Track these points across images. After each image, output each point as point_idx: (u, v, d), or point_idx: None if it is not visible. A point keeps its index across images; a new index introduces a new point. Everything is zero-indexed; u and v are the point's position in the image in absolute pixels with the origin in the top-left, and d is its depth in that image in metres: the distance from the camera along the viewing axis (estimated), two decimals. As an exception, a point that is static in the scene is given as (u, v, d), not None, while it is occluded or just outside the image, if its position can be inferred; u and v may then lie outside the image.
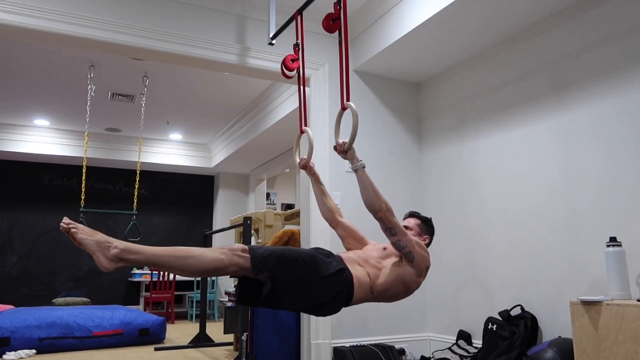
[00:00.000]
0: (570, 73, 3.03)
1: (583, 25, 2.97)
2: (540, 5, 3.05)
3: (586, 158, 2.89)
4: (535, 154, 3.21)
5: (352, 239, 2.31)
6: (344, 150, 2.04)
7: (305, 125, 2.46)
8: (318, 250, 1.97)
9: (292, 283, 1.77)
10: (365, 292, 1.95)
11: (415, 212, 2.31)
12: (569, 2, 3.02)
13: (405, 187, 4.07)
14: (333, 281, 1.85)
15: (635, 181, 2.63)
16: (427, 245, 2.24)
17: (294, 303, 1.83)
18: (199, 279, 7.14)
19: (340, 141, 2.07)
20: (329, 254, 1.95)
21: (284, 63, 2.57)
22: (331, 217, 2.32)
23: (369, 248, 2.20)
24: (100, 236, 1.63)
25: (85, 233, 1.60)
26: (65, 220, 1.59)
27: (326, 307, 1.88)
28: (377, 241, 2.29)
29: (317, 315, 1.95)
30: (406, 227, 2.23)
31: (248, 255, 1.72)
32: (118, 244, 1.62)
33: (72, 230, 1.59)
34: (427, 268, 2.10)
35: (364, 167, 2.01)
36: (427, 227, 2.29)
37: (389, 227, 1.96)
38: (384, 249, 2.13)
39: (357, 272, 1.95)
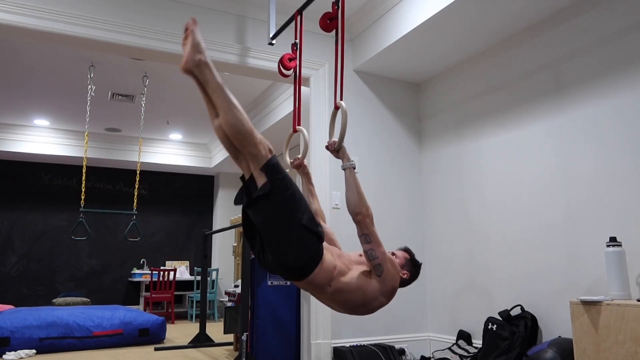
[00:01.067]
0: (569, 73, 3.03)
1: (582, 26, 2.97)
2: (540, 6, 3.05)
3: (586, 158, 2.89)
4: (535, 154, 3.21)
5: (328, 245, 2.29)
6: (335, 149, 2.04)
7: (299, 125, 2.45)
8: (314, 215, 1.94)
9: (280, 205, 1.77)
10: (323, 280, 1.86)
11: (410, 250, 2.21)
12: (569, 2, 3.02)
13: (405, 187, 4.07)
14: (307, 237, 1.80)
15: (635, 181, 2.63)
16: (404, 282, 2.12)
17: (267, 227, 1.79)
18: (197, 279, 7.13)
19: (332, 140, 2.07)
20: (319, 224, 1.91)
21: (281, 62, 2.56)
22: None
23: (345, 252, 2.16)
24: (202, 43, 1.84)
25: (197, 34, 1.83)
26: (194, 18, 1.85)
27: (283, 256, 1.79)
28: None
29: (270, 264, 1.86)
30: (393, 254, 2.14)
31: (269, 155, 1.80)
32: (207, 57, 1.83)
33: (192, 26, 1.83)
34: (394, 290, 1.98)
35: (354, 168, 2.00)
36: (412, 266, 2.15)
37: (365, 234, 1.92)
38: (360, 255, 2.09)
39: (327, 257, 1.88)
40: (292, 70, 2.59)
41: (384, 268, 1.93)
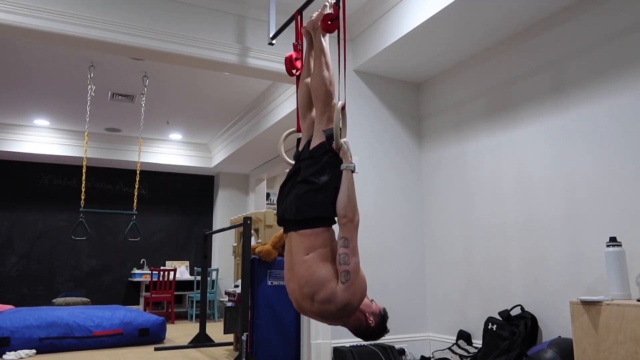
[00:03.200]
0: (568, 74, 3.03)
1: (582, 27, 2.97)
2: (539, 6, 3.05)
3: (585, 158, 2.89)
4: (535, 154, 3.21)
5: None
6: (335, 149, 2.05)
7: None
8: None
9: (328, 165, 1.97)
10: (312, 245, 1.89)
11: (387, 313, 2.06)
12: (568, 2, 3.02)
13: (404, 187, 4.07)
14: (332, 200, 1.95)
15: (635, 181, 2.63)
16: (365, 329, 1.97)
17: (311, 173, 1.98)
18: (197, 279, 7.13)
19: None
20: None
21: (288, 61, 2.56)
22: None
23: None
24: (328, 15, 2.18)
25: (331, 8, 2.20)
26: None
27: (309, 203, 1.93)
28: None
29: (291, 205, 1.97)
30: (371, 301, 2.03)
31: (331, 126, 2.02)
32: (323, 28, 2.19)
33: (334, 4, 2.18)
34: (348, 306, 1.84)
35: (353, 171, 1.99)
36: (381, 322, 2.00)
37: (345, 238, 1.88)
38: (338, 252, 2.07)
39: (331, 235, 1.95)
40: (298, 69, 2.58)
41: (351, 278, 1.84)
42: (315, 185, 1.93)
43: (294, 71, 2.58)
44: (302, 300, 1.91)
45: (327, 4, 2.20)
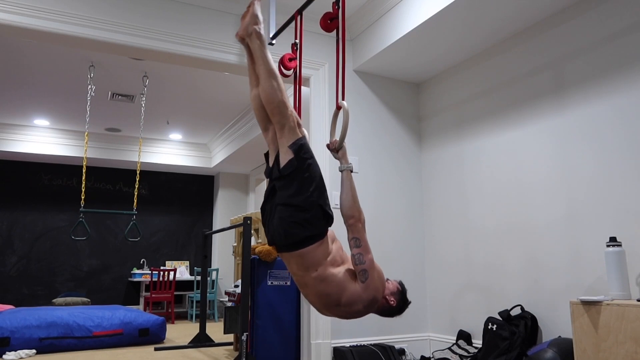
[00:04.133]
0: (569, 73, 3.03)
1: (582, 26, 2.97)
2: (540, 6, 3.05)
3: (585, 158, 2.89)
4: (535, 154, 3.21)
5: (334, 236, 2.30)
6: (336, 149, 2.05)
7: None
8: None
9: (300, 182, 1.87)
10: (313, 261, 1.87)
11: (404, 286, 2.14)
12: (569, 2, 3.02)
13: (404, 187, 4.07)
14: (319, 215, 1.87)
15: (635, 181, 2.63)
16: (388, 310, 2.05)
17: (285, 196, 1.88)
18: (197, 279, 7.13)
19: (333, 139, 2.08)
20: (331, 211, 1.98)
21: (281, 62, 2.56)
22: None
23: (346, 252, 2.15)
24: (261, 17, 2.05)
25: (258, 7, 2.04)
26: None
27: (297, 224, 1.85)
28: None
29: (273, 229, 1.90)
30: (387, 280, 2.09)
31: (299, 134, 1.93)
32: (262, 28, 2.04)
33: (257, 1, 2.04)
34: (374, 301, 1.92)
35: (351, 171, 2.01)
36: (401, 298, 2.07)
37: (356, 238, 1.92)
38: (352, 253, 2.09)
39: (326, 243, 1.91)
40: (292, 70, 2.58)
41: (369, 275, 1.90)
42: (297, 208, 1.84)
43: (286, 71, 2.58)
44: (327, 309, 1.96)
45: (257, 13, 2.02)
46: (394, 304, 2.03)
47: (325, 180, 3.64)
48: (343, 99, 2.14)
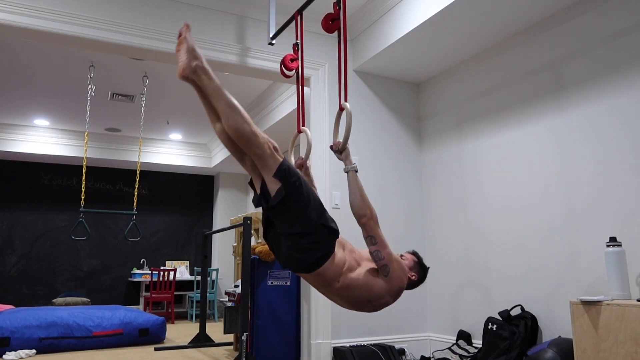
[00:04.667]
0: (569, 73, 3.03)
1: (582, 26, 2.97)
2: (540, 6, 3.05)
3: (585, 158, 2.89)
4: (535, 154, 3.21)
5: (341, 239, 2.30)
6: (339, 150, 2.05)
7: (303, 125, 2.46)
8: (327, 211, 1.97)
9: (296, 207, 1.80)
10: (332, 274, 1.89)
11: (418, 254, 2.23)
12: (569, 2, 3.02)
13: (405, 187, 4.07)
14: (323, 234, 1.84)
15: (635, 181, 2.63)
16: (412, 284, 2.14)
17: (285, 226, 1.82)
18: (197, 279, 7.13)
19: (337, 140, 2.08)
20: (333, 220, 1.95)
21: (283, 62, 2.57)
22: None
23: (357, 248, 2.18)
24: (197, 48, 1.84)
25: (191, 39, 1.84)
26: (187, 23, 1.86)
27: (304, 250, 1.83)
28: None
29: (284, 258, 1.89)
30: (402, 256, 2.16)
31: (279, 158, 1.80)
32: (204, 62, 1.83)
33: (184, 31, 1.85)
34: (400, 290, 2.01)
35: (356, 171, 2.01)
36: (420, 269, 2.17)
37: (371, 236, 1.94)
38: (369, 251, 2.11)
39: (339, 253, 1.92)
40: (294, 70, 2.59)
41: (391, 268, 1.95)
42: (301, 235, 1.82)
43: (288, 72, 2.58)
44: (359, 309, 2.01)
45: (193, 47, 1.83)
46: (416, 278, 2.13)
47: (325, 179, 3.65)
48: (345, 101, 2.13)
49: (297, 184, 1.80)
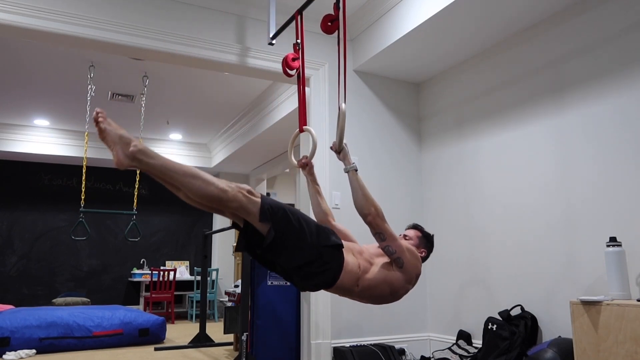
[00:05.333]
0: (569, 73, 3.03)
1: (582, 26, 2.97)
2: (540, 6, 3.05)
3: (586, 158, 2.89)
4: (535, 154, 3.21)
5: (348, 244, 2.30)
6: (337, 151, 2.06)
7: (305, 125, 2.46)
8: (321, 225, 1.96)
9: (292, 240, 1.77)
10: (350, 281, 1.91)
11: (419, 225, 2.28)
12: (569, 2, 3.02)
13: (405, 187, 4.07)
14: (329, 253, 1.84)
15: (635, 181, 2.63)
16: (423, 259, 2.20)
17: (289, 260, 1.80)
18: (197, 279, 7.13)
19: (335, 141, 2.09)
20: (331, 231, 1.94)
21: (285, 61, 2.57)
22: (325, 219, 2.32)
23: (365, 245, 2.20)
24: (124, 132, 1.67)
25: (111, 126, 1.67)
26: (98, 109, 1.67)
27: (314, 276, 1.84)
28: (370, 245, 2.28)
29: (301, 284, 1.91)
30: (405, 237, 2.21)
31: (257, 200, 1.74)
32: (137, 143, 1.67)
33: (100, 119, 1.66)
34: (417, 276, 2.07)
35: (356, 170, 2.01)
36: (427, 241, 2.24)
37: (378, 232, 1.95)
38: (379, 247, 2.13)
39: (349, 259, 1.93)
40: (295, 70, 2.59)
41: (404, 259, 1.99)
42: (307, 264, 1.81)
43: (290, 71, 2.58)
44: (383, 302, 2.07)
45: (119, 133, 1.66)
46: (425, 253, 2.21)
47: (326, 179, 3.65)
48: (344, 102, 2.14)
49: (285, 217, 1.76)
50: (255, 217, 1.74)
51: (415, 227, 2.27)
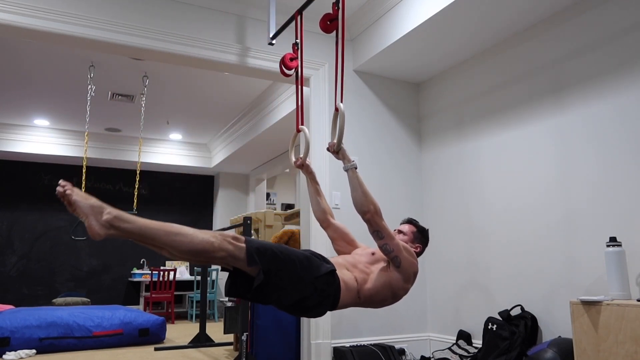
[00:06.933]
0: (569, 73, 3.03)
1: (582, 26, 2.97)
2: (540, 6, 3.05)
3: (586, 158, 2.89)
4: (535, 154, 3.21)
5: (342, 241, 2.30)
6: (335, 151, 2.05)
7: (302, 125, 2.46)
8: (312, 252, 1.94)
9: (283, 279, 1.76)
10: (352, 297, 1.93)
11: (413, 220, 2.27)
12: (569, 2, 3.02)
13: (405, 187, 4.07)
14: (323, 282, 1.84)
15: (635, 181, 2.63)
16: (418, 254, 2.20)
17: (282, 299, 1.79)
18: (197, 279, 7.13)
19: (332, 141, 2.07)
20: (322, 257, 1.94)
21: (282, 62, 2.56)
22: (323, 217, 2.31)
23: (357, 252, 2.18)
24: (94, 201, 1.60)
25: (80, 196, 1.60)
26: (62, 182, 1.59)
27: (312, 309, 1.85)
28: (368, 244, 2.27)
29: (302, 316, 1.94)
30: (400, 232, 2.21)
31: (243, 245, 1.71)
32: (111, 210, 1.60)
33: (68, 192, 1.58)
34: (415, 274, 2.08)
35: (355, 168, 2.01)
36: (422, 236, 2.24)
37: (376, 230, 1.95)
38: (373, 254, 2.12)
39: (345, 276, 1.92)
40: (294, 70, 2.58)
41: (401, 258, 1.99)
42: (304, 299, 1.80)
43: (288, 71, 2.58)
44: (384, 305, 2.09)
45: (89, 203, 1.59)
46: (420, 249, 2.21)
47: (325, 179, 3.64)
48: (342, 101, 2.12)
49: (273, 257, 1.74)
50: (244, 262, 1.71)
51: (410, 221, 2.26)
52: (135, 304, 7.78)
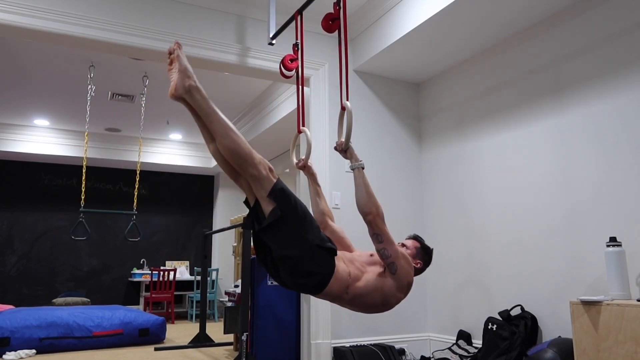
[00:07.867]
0: (569, 73, 3.03)
1: (582, 26, 2.97)
2: (540, 6, 3.05)
3: (586, 158, 2.89)
4: (535, 154, 3.21)
5: (338, 245, 2.28)
6: (343, 150, 2.04)
7: (303, 126, 2.45)
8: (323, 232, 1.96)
9: (289, 229, 1.79)
10: (339, 289, 1.89)
11: (419, 237, 2.22)
12: (569, 2, 3.02)
13: (405, 187, 4.07)
14: (321, 255, 1.83)
15: (635, 181, 2.63)
16: (418, 271, 2.15)
17: (280, 248, 1.81)
18: (197, 279, 7.13)
19: (340, 140, 2.07)
20: (330, 239, 1.94)
21: (282, 63, 2.56)
22: (321, 219, 2.31)
23: (356, 253, 2.17)
24: (190, 67, 1.84)
25: (183, 56, 1.85)
26: (178, 43, 1.87)
27: (300, 275, 1.83)
28: (367, 250, 2.26)
29: (285, 280, 1.89)
30: (403, 245, 2.17)
31: (273, 179, 1.81)
32: (196, 80, 1.83)
33: (179, 51, 1.85)
34: (409, 285, 2.02)
35: (362, 168, 2.00)
36: (424, 254, 2.18)
37: (377, 233, 1.92)
38: (371, 255, 2.11)
39: (339, 266, 1.91)
40: (294, 70, 2.58)
41: (398, 265, 1.95)
42: (297, 260, 1.80)
43: (288, 72, 2.57)
44: (375, 311, 2.03)
45: (186, 65, 1.83)
46: (420, 265, 2.14)
47: (325, 180, 3.65)
48: (347, 100, 2.12)
49: (292, 203, 1.79)
50: (266, 191, 1.79)
51: (415, 237, 2.21)
52: (135, 304, 7.78)
